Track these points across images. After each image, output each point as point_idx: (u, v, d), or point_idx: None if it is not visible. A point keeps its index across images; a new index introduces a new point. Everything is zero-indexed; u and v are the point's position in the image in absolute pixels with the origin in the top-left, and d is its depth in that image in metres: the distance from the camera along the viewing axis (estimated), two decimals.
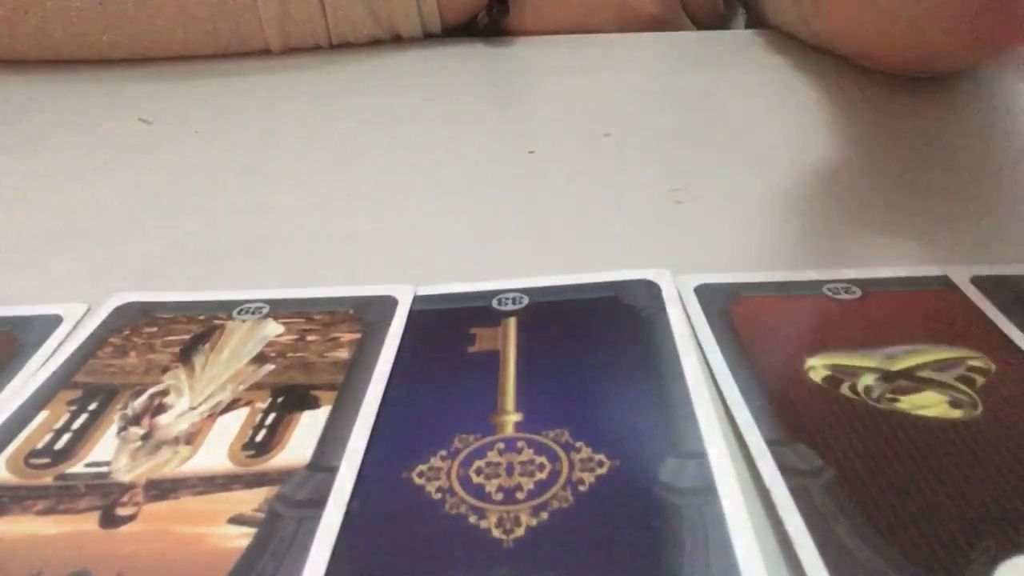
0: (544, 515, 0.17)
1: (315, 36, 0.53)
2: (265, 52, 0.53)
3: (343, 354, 0.23)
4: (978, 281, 0.24)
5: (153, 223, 0.32)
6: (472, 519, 0.17)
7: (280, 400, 0.21)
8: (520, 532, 0.17)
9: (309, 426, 0.20)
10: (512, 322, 0.24)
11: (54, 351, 0.24)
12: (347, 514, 0.17)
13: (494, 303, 0.25)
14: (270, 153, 0.39)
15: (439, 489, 0.18)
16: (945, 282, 0.25)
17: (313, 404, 0.21)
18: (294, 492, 0.18)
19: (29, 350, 0.24)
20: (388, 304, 0.25)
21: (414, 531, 0.17)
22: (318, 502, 0.18)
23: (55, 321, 0.25)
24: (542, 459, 0.19)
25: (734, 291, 0.25)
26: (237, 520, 0.18)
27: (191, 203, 0.34)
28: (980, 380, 0.21)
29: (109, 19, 0.51)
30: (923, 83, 0.45)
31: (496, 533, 0.17)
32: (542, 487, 0.18)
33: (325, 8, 0.51)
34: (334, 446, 0.19)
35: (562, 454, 0.19)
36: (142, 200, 0.34)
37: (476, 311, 0.25)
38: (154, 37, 0.52)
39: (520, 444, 0.19)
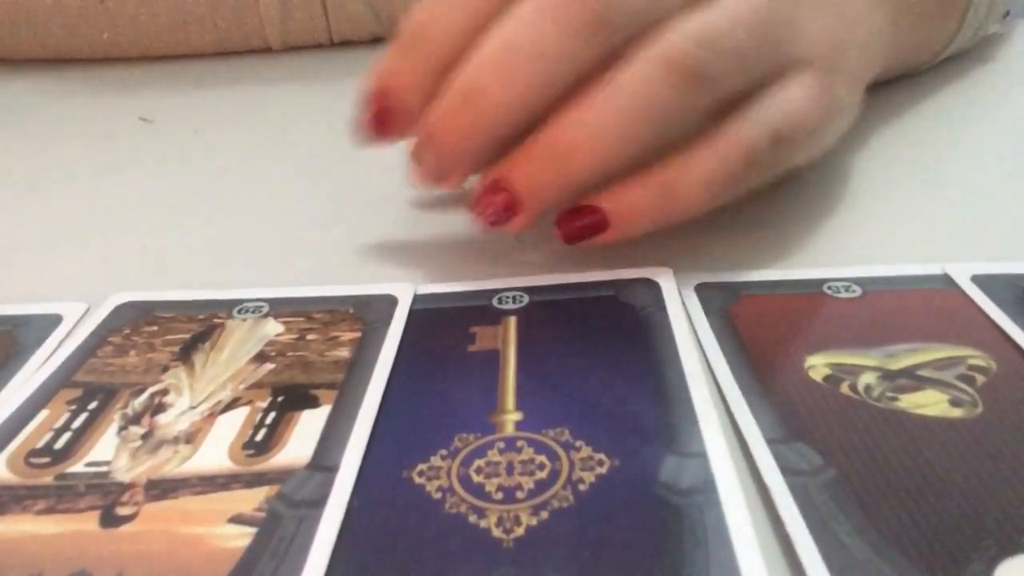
0: (544, 514, 0.17)
1: (316, 34, 0.53)
2: (266, 50, 0.53)
3: (343, 353, 0.23)
4: (978, 279, 0.24)
5: (153, 222, 0.32)
6: (472, 518, 0.17)
7: (280, 399, 0.21)
8: (520, 531, 0.17)
9: (309, 425, 0.20)
10: (512, 321, 0.24)
11: (54, 350, 0.24)
12: (347, 514, 0.17)
13: (494, 302, 0.25)
14: (270, 151, 0.39)
15: (439, 488, 0.18)
16: (945, 280, 0.25)
17: (313, 403, 0.21)
18: (294, 492, 0.18)
19: (29, 349, 0.24)
20: (388, 303, 0.25)
21: (414, 530, 0.17)
22: (318, 502, 0.18)
23: (55, 320, 0.25)
24: (542, 458, 0.19)
25: (734, 290, 0.25)
26: (237, 520, 0.18)
27: (191, 202, 0.34)
28: (980, 379, 0.21)
29: (109, 18, 0.51)
30: (922, 81, 0.45)
31: (496, 532, 0.17)
32: (542, 486, 0.18)
33: (326, 6, 0.51)
34: (334, 445, 0.19)
35: (562, 453, 0.19)
36: (142, 199, 0.34)
37: (476, 310, 0.25)
38: (154, 36, 0.52)
39: (520, 443, 0.19)
